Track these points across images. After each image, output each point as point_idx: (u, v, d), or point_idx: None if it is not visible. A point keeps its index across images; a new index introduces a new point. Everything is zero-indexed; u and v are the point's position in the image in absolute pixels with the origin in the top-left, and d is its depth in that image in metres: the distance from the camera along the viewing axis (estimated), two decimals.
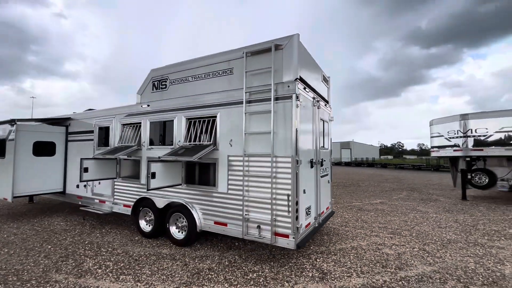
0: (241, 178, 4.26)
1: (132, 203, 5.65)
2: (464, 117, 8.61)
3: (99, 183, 6.42)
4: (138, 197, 5.58)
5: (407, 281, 3.61)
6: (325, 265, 4.10)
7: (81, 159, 5.59)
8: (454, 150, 8.83)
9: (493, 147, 7.95)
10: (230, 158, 4.45)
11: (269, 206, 3.98)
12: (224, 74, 4.68)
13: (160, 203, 5.20)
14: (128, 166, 6.21)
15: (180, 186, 4.96)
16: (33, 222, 6.59)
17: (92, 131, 6.74)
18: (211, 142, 4.63)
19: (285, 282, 3.57)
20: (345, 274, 3.79)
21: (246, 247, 4.84)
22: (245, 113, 4.23)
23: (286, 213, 3.87)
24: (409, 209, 8.19)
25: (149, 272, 3.84)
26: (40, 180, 6.90)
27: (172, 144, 5.17)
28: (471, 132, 8.32)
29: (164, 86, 5.47)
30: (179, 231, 5.02)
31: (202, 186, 4.80)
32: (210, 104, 4.71)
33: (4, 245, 5.00)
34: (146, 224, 5.50)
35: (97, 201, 6.47)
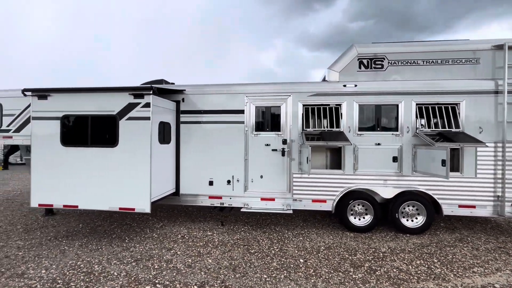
0: (493, 162, 4.64)
1: (333, 197, 4.93)
2: None
3: (262, 177, 5.13)
4: (342, 189, 4.92)
5: None
6: None
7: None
8: None
9: None
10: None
11: None
12: (468, 62, 4.78)
13: (386, 193, 4.82)
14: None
15: (412, 174, 4.78)
16: (166, 239, 4.62)
17: (238, 111, 5.19)
18: (460, 130, 4.71)
19: None
20: None
21: (444, 227, 5.23)
22: (507, 103, 4.57)
23: None
24: None
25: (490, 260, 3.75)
26: (163, 177, 4.82)
27: (395, 130, 4.85)
28: None
29: (380, 66, 4.95)
30: (407, 220, 4.86)
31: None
32: (452, 91, 4.73)
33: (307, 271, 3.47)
34: (355, 218, 4.96)
35: (256, 199, 5.16)
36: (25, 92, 4.45)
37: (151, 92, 4.20)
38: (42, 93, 4.38)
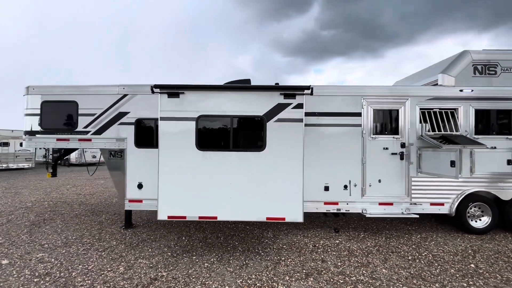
0: None
1: (449, 200, 4.98)
2: None
3: (380, 181, 5.03)
4: (458, 192, 4.98)
5: None
6: None
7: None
8: None
9: None
10: None
11: None
12: None
13: (505, 195, 4.96)
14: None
15: None
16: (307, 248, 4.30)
17: (354, 114, 5.04)
18: None
19: None
20: None
21: None
22: None
23: None
24: None
25: None
26: None
27: (509, 134, 5.04)
28: None
29: (494, 73, 5.13)
30: None
31: None
32: None
33: None
34: (471, 220, 5.05)
35: (375, 204, 5.03)
36: (153, 89, 3.89)
37: (303, 92, 3.91)
38: (174, 90, 3.88)
